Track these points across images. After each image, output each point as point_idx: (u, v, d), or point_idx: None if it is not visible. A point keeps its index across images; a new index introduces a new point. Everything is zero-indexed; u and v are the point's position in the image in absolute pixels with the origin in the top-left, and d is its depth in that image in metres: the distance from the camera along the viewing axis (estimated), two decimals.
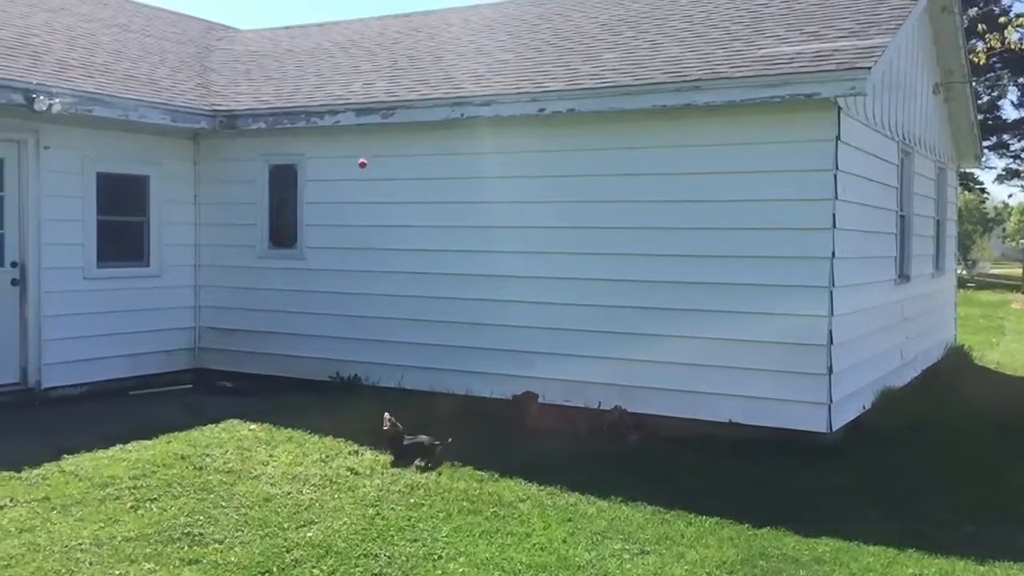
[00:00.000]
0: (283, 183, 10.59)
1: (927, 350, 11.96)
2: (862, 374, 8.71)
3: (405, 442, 7.28)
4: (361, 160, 8.57)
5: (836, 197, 7.74)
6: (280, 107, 10.28)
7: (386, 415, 7.45)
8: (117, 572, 4.95)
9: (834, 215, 7.74)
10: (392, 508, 6.12)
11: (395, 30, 13.01)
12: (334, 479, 6.75)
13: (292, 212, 10.52)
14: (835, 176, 7.73)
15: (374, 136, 9.85)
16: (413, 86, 9.93)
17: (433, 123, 9.36)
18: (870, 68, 7.43)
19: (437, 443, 7.24)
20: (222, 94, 11.24)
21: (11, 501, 6.05)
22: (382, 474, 6.91)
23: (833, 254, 7.75)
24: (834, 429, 7.86)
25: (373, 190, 9.93)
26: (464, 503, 6.26)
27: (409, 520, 5.89)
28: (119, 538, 5.42)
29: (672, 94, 8.10)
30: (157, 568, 5.01)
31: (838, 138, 7.72)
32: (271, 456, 7.33)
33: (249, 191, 10.72)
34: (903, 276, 10.57)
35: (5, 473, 6.62)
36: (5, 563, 5.01)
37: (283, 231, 10.63)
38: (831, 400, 7.78)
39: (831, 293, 7.76)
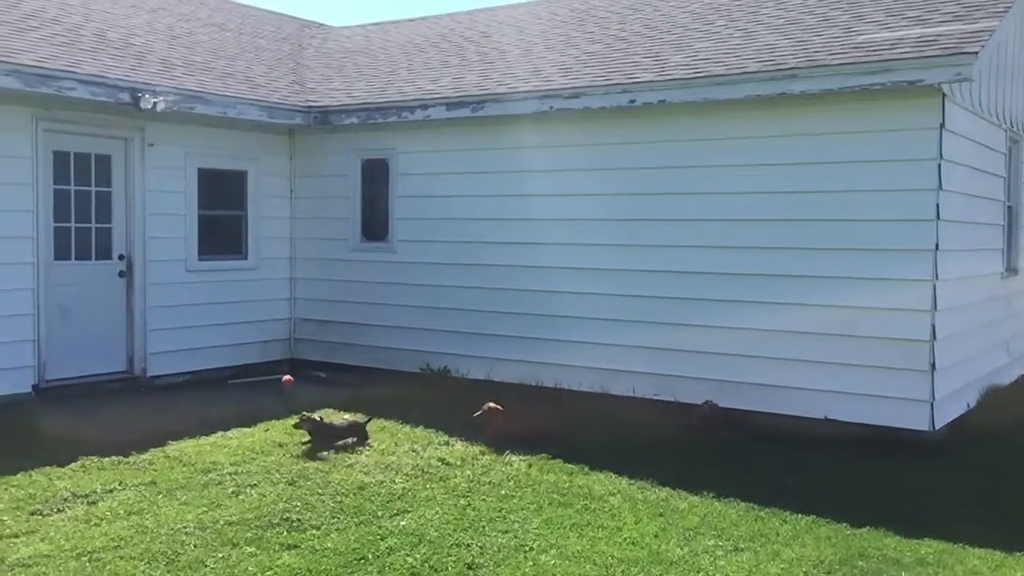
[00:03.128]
0: (375, 177, 10.77)
1: None
2: (966, 371, 8.39)
3: (326, 421, 7.61)
4: (286, 377, 8.61)
5: (940, 187, 7.47)
6: (372, 102, 10.44)
7: (305, 415, 7.64)
8: (220, 555, 5.11)
9: (938, 206, 7.47)
10: (483, 499, 6.16)
11: (484, 23, 13.07)
12: (425, 469, 6.84)
13: (384, 205, 10.68)
14: (939, 165, 7.46)
15: (464, 130, 9.92)
16: (502, 79, 9.97)
17: (522, 116, 9.37)
18: (977, 53, 7.14)
19: (366, 419, 7.73)
20: (316, 90, 11.48)
21: (120, 485, 6.30)
22: (473, 465, 6.97)
23: (937, 246, 7.48)
24: (937, 428, 7.60)
25: (462, 184, 10.01)
26: (554, 495, 6.27)
27: (500, 511, 5.92)
28: (221, 522, 5.60)
29: (766, 83, 7.93)
30: (257, 552, 5.16)
31: (942, 126, 7.45)
32: (364, 445, 7.46)
33: (342, 185, 10.93)
34: (1010, 269, 10.14)
35: (114, 457, 6.91)
36: (116, 544, 5.23)
37: (375, 224, 10.81)
38: (934, 397, 7.52)
39: (934, 287, 7.49)
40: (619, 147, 9.01)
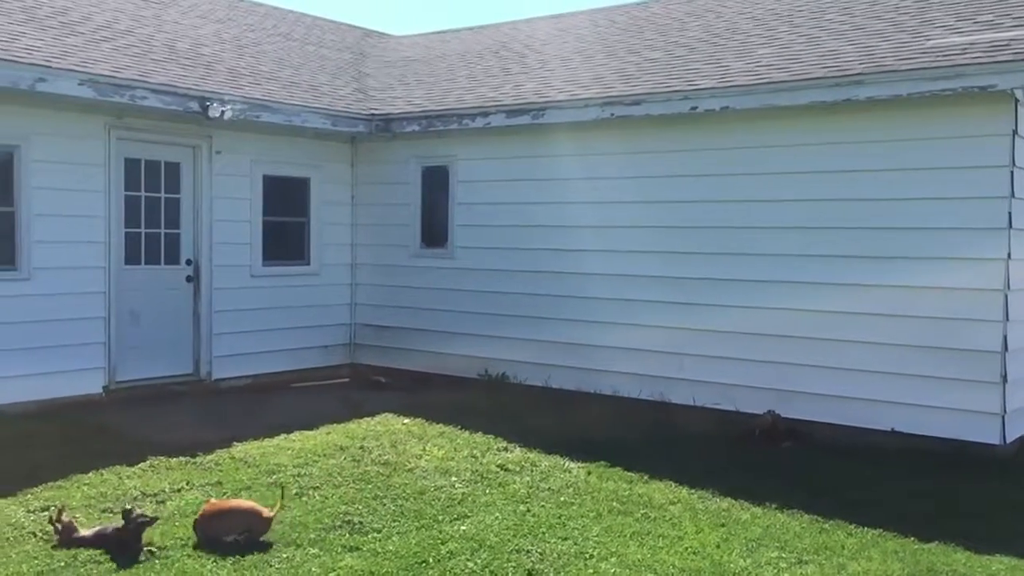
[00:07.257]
0: (435, 184, 10.86)
1: None
2: None
3: (81, 533, 5.31)
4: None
5: (1012, 195, 7.29)
6: (432, 110, 10.53)
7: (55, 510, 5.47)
8: (284, 555, 5.19)
9: (1010, 214, 7.29)
10: (542, 505, 6.16)
11: (543, 31, 13.11)
12: (485, 475, 6.86)
13: (443, 212, 10.77)
14: (1011, 172, 7.28)
15: (524, 137, 9.95)
16: (563, 87, 9.98)
17: (582, 123, 9.36)
18: None
19: (145, 518, 5.28)
20: (378, 98, 11.62)
21: (187, 484, 6.44)
22: (531, 471, 6.97)
23: (1009, 255, 7.30)
24: (1008, 441, 7.40)
25: (522, 191, 10.04)
26: (614, 503, 6.24)
27: (559, 518, 5.91)
28: (285, 523, 5.67)
29: (831, 89, 7.82)
30: (320, 553, 5.23)
31: (1015, 132, 7.27)
32: (424, 450, 7.52)
33: (403, 192, 11.04)
34: None
35: (182, 458, 7.05)
36: (183, 543, 5.32)
37: (435, 231, 10.90)
38: (1005, 410, 7.33)
39: (1006, 297, 7.31)
40: (680, 154, 8.95)
